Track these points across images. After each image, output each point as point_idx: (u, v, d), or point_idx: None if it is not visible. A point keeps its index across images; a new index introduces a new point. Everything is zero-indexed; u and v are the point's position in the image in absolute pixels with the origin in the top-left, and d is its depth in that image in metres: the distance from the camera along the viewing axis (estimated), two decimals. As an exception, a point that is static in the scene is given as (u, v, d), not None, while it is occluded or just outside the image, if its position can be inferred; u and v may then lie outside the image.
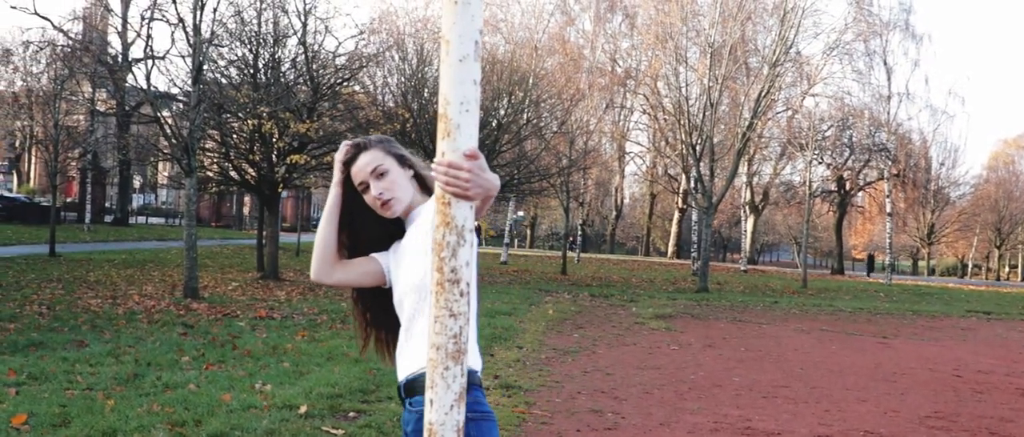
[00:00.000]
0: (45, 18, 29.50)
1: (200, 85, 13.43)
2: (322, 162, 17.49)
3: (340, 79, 18.68)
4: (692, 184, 28.34)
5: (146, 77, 16.24)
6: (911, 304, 20.19)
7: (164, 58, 15.71)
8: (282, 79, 17.90)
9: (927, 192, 45.25)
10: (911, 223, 48.33)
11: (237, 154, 17.97)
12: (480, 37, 1.39)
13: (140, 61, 17.74)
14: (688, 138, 23.35)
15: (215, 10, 16.13)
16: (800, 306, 17.62)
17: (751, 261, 43.74)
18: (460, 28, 1.37)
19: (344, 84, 18.95)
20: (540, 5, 37.80)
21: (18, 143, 39.39)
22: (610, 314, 13.87)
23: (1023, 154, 57.12)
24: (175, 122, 15.81)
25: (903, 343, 11.62)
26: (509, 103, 22.88)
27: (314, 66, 17.86)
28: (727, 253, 57.70)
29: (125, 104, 25.78)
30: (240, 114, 17.13)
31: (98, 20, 27.48)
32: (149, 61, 14.59)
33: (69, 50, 20.53)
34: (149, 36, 14.62)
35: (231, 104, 16.99)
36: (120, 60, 25.23)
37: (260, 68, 17.68)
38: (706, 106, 22.74)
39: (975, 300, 23.42)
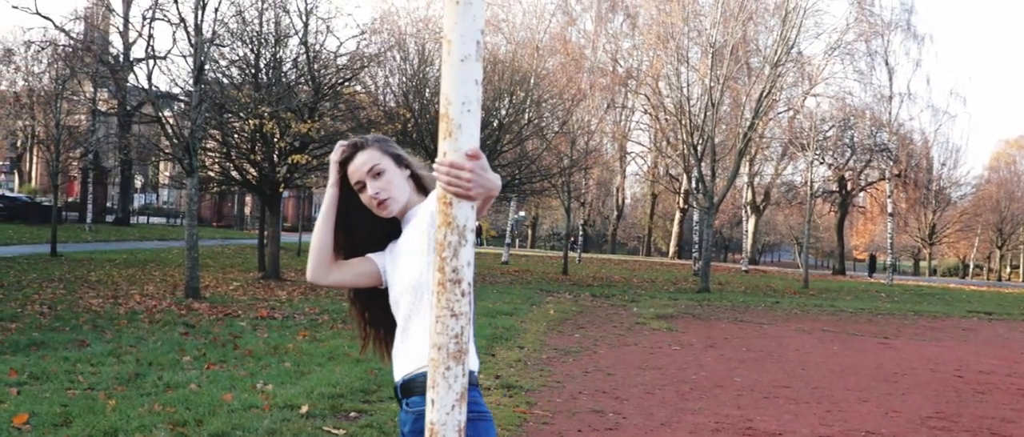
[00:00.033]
0: (47, 18, 29.62)
1: (201, 85, 13.44)
2: (323, 162, 17.47)
3: (341, 79, 18.68)
4: (693, 184, 28.33)
5: (147, 77, 16.34)
6: (912, 304, 20.18)
7: (165, 58, 15.77)
8: (283, 79, 17.90)
9: (928, 192, 45.19)
10: (912, 223, 48.28)
11: (238, 154, 17.98)
12: (482, 37, 1.39)
13: (141, 61, 17.81)
14: (689, 138, 23.33)
15: (217, 10, 16.16)
16: (801, 306, 17.61)
17: (752, 261, 43.74)
18: (462, 28, 1.37)
19: (345, 84, 18.95)
20: (541, 5, 37.88)
21: (20, 143, 39.37)
22: (611, 314, 13.87)
23: (1024, 154, 57.18)
24: (176, 122, 15.82)
25: (904, 343, 11.61)
26: (510, 103, 22.88)
27: (315, 66, 17.86)
28: (728, 253, 57.64)
29: (126, 104, 25.79)
30: (241, 114, 17.13)
31: (100, 20, 27.56)
32: (151, 61, 14.63)
33: (71, 50, 20.54)
34: (151, 36, 14.65)
35: (232, 104, 16.99)
36: (121, 60, 25.30)
37: (261, 68, 17.68)
38: (707, 106, 22.72)
39: (976, 300, 23.40)
